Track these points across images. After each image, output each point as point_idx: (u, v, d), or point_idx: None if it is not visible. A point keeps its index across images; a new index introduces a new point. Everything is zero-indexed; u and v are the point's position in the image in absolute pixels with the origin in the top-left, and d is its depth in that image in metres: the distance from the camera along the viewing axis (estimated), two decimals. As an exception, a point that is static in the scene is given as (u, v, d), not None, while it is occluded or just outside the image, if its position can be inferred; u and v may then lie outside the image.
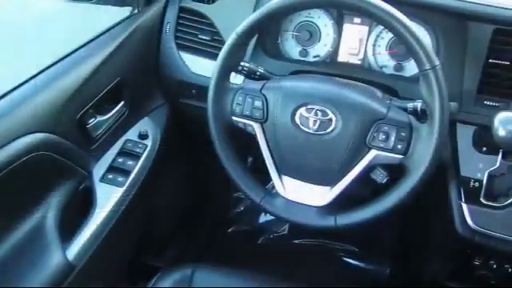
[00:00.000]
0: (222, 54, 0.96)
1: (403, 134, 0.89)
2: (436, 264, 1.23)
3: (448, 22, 1.01)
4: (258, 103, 0.96)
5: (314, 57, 1.17)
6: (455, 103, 0.96)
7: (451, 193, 1.03)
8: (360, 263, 1.63)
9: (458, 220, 1.02)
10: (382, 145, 0.91)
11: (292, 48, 1.19)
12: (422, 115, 0.92)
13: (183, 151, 1.45)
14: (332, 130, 0.92)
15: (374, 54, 1.14)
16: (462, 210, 1.00)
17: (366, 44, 1.14)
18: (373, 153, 0.92)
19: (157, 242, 1.53)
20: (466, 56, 0.99)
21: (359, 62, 1.15)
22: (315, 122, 0.92)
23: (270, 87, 0.97)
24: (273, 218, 1.72)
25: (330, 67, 1.14)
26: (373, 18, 0.86)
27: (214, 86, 0.98)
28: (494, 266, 1.08)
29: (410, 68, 1.11)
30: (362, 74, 1.09)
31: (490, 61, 0.98)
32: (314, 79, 0.99)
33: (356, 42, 1.14)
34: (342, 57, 1.16)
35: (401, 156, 0.90)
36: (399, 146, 0.90)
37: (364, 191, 1.08)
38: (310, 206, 0.96)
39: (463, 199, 1.00)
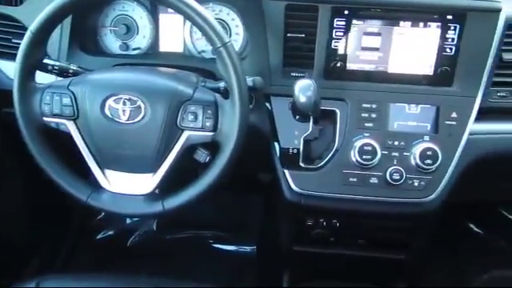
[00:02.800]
0: (19, 54, 0.93)
1: (210, 111, 0.93)
2: (285, 232, 1.30)
3: (244, 0, 1.07)
4: (66, 100, 0.94)
5: (135, 49, 1.18)
6: (259, 78, 1.01)
7: (276, 162, 1.09)
8: (229, 246, 1.68)
9: (284, 186, 1.09)
10: (192, 125, 0.94)
11: (112, 43, 1.18)
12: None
13: (22, 162, 1.37)
14: (142, 118, 0.93)
15: (192, 41, 1.17)
16: (286, 176, 1.07)
17: (183, 32, 1.17)
18: (186, 134, 0.94)
19: (13, 261, 1.44)
20: (267, 32, 1.05)
21: (180, 50, 1.18)
22: (125, 111, 0.93)
23: (77, 82, 0.95)
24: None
25: (153, 58, 1.16)
26: (161, 3, 0.89)
27: (18, 87, 0.95)
28: (324, 224, 1.16)
29: None
30: (183, 62, 1.12)
31: (289, 35, 1.05)
32: (119, 70, 1.00)
33: (174, 30, 1.17)
34: (164, 47, 1.18)
35: (211, 133, 0.94)
36: (208, 124, 0.93)
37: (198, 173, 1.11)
38: (136, 195, 0.97)
39: (285, 166, 1.07)
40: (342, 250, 1.28)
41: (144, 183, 0.97)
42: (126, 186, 0.97)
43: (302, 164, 1.07)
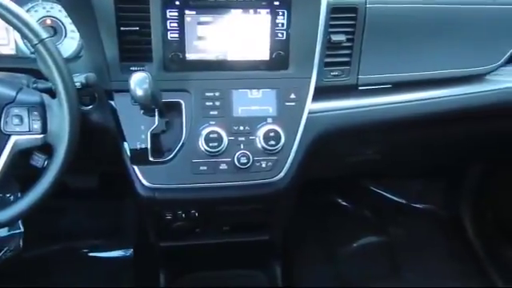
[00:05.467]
0: None
1: (36, 113, 0.89)
2: (149, 230, 1.28)
3: None
4: None
5: None
6: (92, 74, 0.98)
7: (125, 159, 1.07)
8: (106, 253, 1.62)
9: (136, 183, 1.07)
10: (18, 129, 0.89)
11: None
12: None
13: None
14: None
15: (24, 42, 1.10)
16: (136, 172, 1.06)
17: (14, 32, 1.10)
18: (13, 139, 0.89)
19: None
20: (99, 27, 1.02)
21: (13, 52, 1.11)
22: None
23: None
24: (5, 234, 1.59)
25: None
26: None
27: None
28: (184, 215, 1.17)
29: None
30: (15, 64, 1.06)
31: (122, 29, 1.03)
32: None
33: (3, 31, 1.09)
34: None
35: (41, 135, 0.90)
36: (36, 126, 0.89)
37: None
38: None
39: (134, 162, 1.05)
40: (210, 240, 1.29)
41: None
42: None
43: (151, 158, 1.06)
